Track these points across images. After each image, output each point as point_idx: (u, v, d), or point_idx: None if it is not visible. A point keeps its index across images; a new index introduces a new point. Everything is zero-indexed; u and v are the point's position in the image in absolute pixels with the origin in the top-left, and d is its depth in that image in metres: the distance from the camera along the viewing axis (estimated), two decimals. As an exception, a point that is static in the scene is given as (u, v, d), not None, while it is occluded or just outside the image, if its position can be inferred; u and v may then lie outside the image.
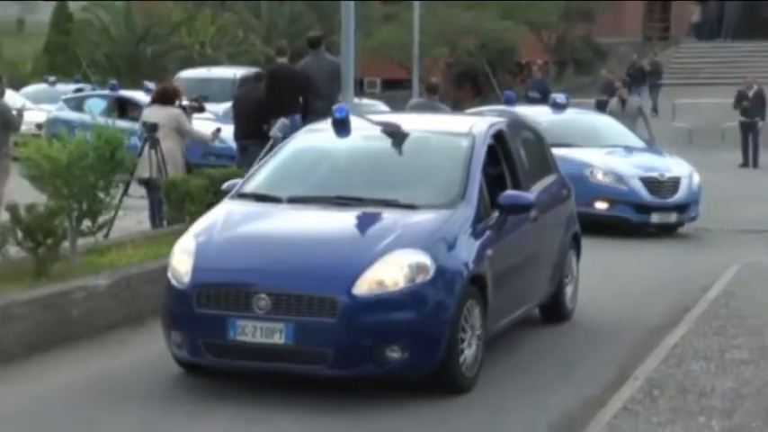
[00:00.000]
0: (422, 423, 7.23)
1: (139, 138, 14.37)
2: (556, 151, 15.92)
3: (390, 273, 7.33)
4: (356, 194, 8.41)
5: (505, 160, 9.36)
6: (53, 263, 10.19)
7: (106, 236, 12.04)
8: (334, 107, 9.42)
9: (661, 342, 9.34)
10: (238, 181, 9.54)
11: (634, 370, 8.40)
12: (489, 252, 8.13)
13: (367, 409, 7.26)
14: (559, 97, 19.62)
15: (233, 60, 36.98)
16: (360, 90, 16.42)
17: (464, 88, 41.70)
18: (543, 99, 20.85)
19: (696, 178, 17.28)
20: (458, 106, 25.70)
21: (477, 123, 9.60)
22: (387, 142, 9.26)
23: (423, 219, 7.99)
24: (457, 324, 7.52)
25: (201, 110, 17.04)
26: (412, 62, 37.41)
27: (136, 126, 17.58)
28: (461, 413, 7.68)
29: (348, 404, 7.37)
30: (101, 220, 11.44)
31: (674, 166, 17.61)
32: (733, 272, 12.67)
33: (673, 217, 16.97)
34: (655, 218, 16.75)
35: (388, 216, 7.99)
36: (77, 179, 10.96)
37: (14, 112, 17.59)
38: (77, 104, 29.57)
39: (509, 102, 19.82)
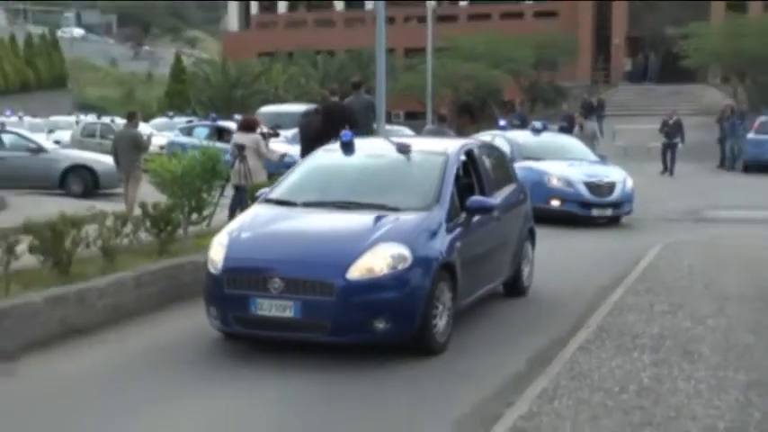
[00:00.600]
0: (406, 372, 7.16)
1: (231, 155, 14.58)
2: (528, 163, 16.79)
3: (377, 262, 7.24)
4: (354, 200, 8.29)
5: (474, 173, 9.23)
6: (171, 244, 10.36)
7: (208, 225, 12.03)
8: (342, 133, 9.39)
9: (606, 300, 9.42)
10: (267, 189, 9.35)
11: (587, 320, 8.53)
12: (458, 244, 8.00)
13: (358, 369, 7.16)
14: (537, 124, 19.72)
15: (298, 99, 37.40)
16: (389, 120, 16.67)
17: (463, 118, 42.18)
18: (523, 126, 21.01)
19: (629, 183, 17.09)
20: (460, 131, 25.92)
21: (452, 145, 9.50)
22: (382, 159, 9.29)
23: (405, 218, 7.81)
24: (431, 301, 7.40)
25: (276, 135, 17.26)
26: (426, 99, 38.25)
27: (228, 146, 18.00)
28: (453, 363, 7.57)
29: (343, 366, 7.23)
30: (204, 213, 11.81)
31: (612, 173, 17.38)
32: (657, 249, 12.75)
33: (609, 211, 16.75)
34: (594, 212, 16.60)
35: (378, 216, 7.82)
36: (188, 184, 11.40)
37: (145, 138, 17.94)
38: (188, 132, 29.92)
39: (502, 128, 20.05)
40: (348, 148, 9.18)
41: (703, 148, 32.85)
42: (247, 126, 16.05)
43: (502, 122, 20.95)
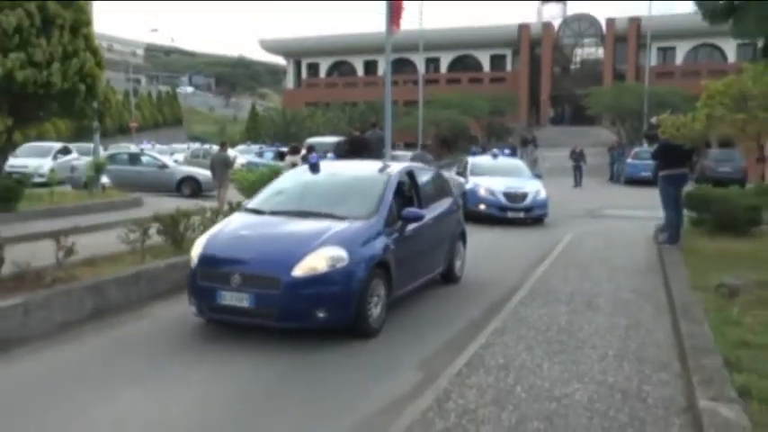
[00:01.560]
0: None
1: (285, 169, 14.71)
2: (475, 178, 16.16)
3: (318, 262, 6.11)
4: (311, 210, 7.11)
5: (414, 189, 8.14)
6: None
7: None
8: (310, 156, 8.37)
9: (535, 271, 9.27)
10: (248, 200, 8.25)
11: (521, 286, 8.30)
12: (392, 246, 6.85)
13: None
14: (495, 151, 19.17)
15: (332, 134, 37.39)
16: (393, 148, 16.71)
17: (443, 147, 42.21)
18: (483, 152, 20.81)
19: (542, 193, 15.67)
20: (440, 155, 25.87)
21: (395, 167, 8.16)
22: (339, 177, 8.16)
23: (347, 226, 6.67)
24: (365, 294, 6.27)
25: (311, 151, 17.39)
26: (418, 134, 38.37)
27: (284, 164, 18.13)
28: (433, 312, 7.37)
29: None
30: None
31: (528, 186, 15.90)
32: (569, 237, 12.61)
33: (521, 214, 15.29)
34: (509, 214, 15.23)
35: (326, 224, 6.69)
36: (259, 188, 11.43)
37: (232, 159, 18.10)
38: (260, 154, 30.06)
39: (473, 153, 19.83)
40: (314, 168, 8.11)
41: (598, 168, 32.89)
42: (294, 150, 16.26)
43: (474, 149, 20.66)
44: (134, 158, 22.87)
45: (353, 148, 16.49)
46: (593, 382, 4.86)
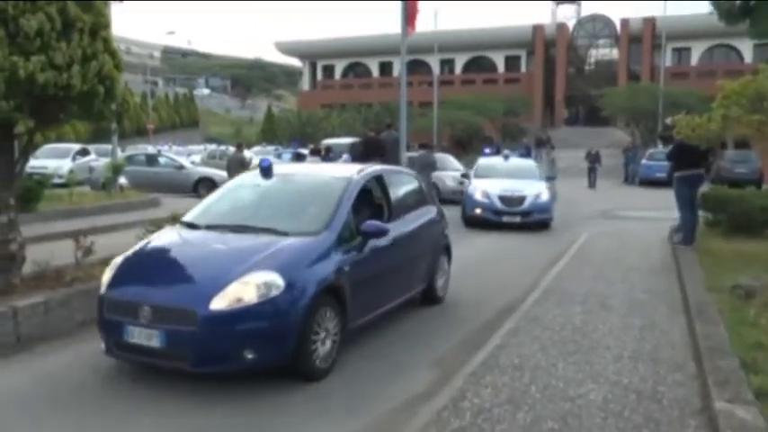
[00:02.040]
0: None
1: None
2: (475, 180, 15.36)
3: (245, 290, 4.77)
4: (250, 224, 5.71)
5: (384, 197, 6.77)
6: None
7: None
8: (261, 159, 6.76)
9: (550, 271, 9.24)
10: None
11: (538, 284, 8.36)
12: (347, 268, 5.46)
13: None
14: (506, 152, 18.40)
15: (348, 135, 37.40)
16: (408, 149, 16.64)
17: (457, 148, 42.03)
18: (497, 153, 20.39)
19: (545, 196, 14.61)
20: (457, 156, 25.61)
21: (359, 170, 6.63)
22: (292, 184, 6.60)
23: (287, 244, 5.29)
24: (308, 327, 4.96)
25: (329, 151, 17.43)
26: (433, 135, 38.33)
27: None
28: (451, 310, 7.71)
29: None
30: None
31: (529, 188, 14.73)
32: (584, 237, 12.58)
33: (517, 219, 14.27)
34: (504, 219, 14.28)
35: (263, 241, 5.34)
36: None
37: (248, 160, 18.05)
38: (277, 155, 30.09)
39: (485, 154, 19.47)
40: (266, 172, 6.53)
41: (613, 169, 32.67)
42: (316, 152, 16.26)
43: (486, 150, 20.24)
44: (151, 159, 23.05)
45: (368, 150, 16.46)
46: (608, 382, 4.83)
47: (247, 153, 22.12)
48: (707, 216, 12.04)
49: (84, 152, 24.89)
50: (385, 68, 65.68)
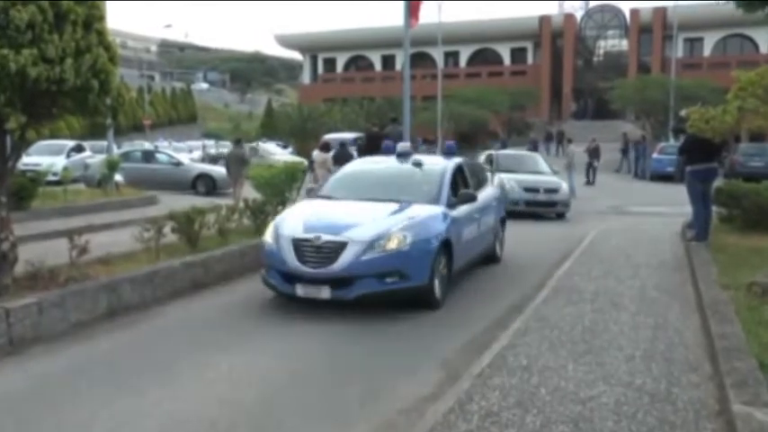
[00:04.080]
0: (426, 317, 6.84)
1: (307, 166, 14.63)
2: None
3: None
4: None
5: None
6: (264, 227, 9.77)
7: None
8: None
9: (560, 268, 9.22)
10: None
11: (546, 282, 8.35)
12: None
13: (379, 319, 6.77)
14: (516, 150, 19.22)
15: (350, 130, 37.29)
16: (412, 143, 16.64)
17: (463, 142, 41.92)
18: (504, 147, 20.33)
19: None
20: (461, 151, 25.56)
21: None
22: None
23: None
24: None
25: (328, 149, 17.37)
26: (437, 130, 38.26)
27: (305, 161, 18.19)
28: (454, 308, 7.58)
29: (363, 316, 6.80)
30: (287, 206, 11.83)
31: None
32: (593, 233, 12.53)
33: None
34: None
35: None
36: (277, 186, 11.40)
37: (247, 156, 18.11)
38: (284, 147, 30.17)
39: (497, 149, 19.59)
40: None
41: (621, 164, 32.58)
42: (324, 147, 16.12)
43: (497, 144, 20.40)
44: (148, 156, 23.05)
45: (371, 144, 16.43)
46: (620, 383, 4.79)
47: (246, 148, 22.00)
48: (721, 211, 11.98)
49: (79, 149, 24.91)
50: (388, 61, 65.60)
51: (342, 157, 15.12)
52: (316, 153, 16.11)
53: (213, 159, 29.67)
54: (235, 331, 6.49)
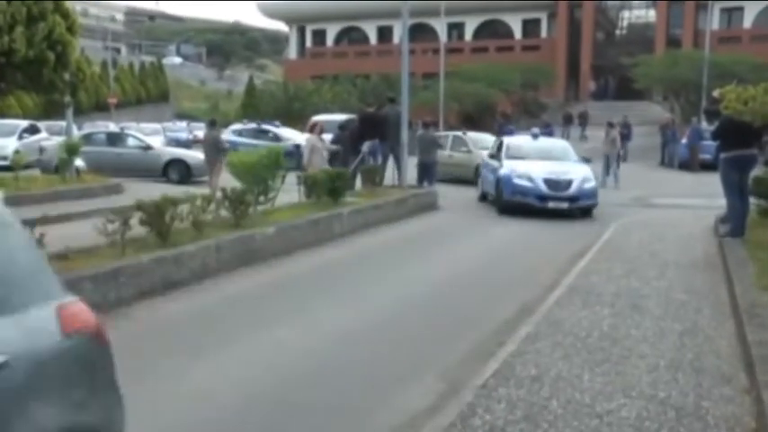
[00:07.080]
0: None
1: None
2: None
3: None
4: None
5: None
6: (243, 219, 10.28)
7: (272, 205, 12.04)
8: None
9: (576, 266, 9.29)
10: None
11: (561, 281, 8.42)
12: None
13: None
14: (535, 130, 18.88)
15: (341, 111, 37.24)
16: (410, 127, 16.51)
17: (466, 125, 41.81)
18: (511, 133, 20.53)
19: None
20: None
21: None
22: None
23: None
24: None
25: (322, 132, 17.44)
26: (438, 111, 38.28)
27: (288, 145, 18.18)
28: None
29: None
30: (269, 195, 11.81)
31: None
32: (613, 227, 12.64)
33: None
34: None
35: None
36: (257, 173, 11.40)
37: (222, 140, 18.03)
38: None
39: (507, 133, 19.59)
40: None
41: (648, 150, 32.56)
42: (312, 129, 16.35)
43: (509, 129, 20.45)
44: (113, 139, 23.00)
45: (366, 128, 16.40)
46: (642, 396, 4.80)
47: (225, 133, 21.99)
48: (760, 203, 11.99)
49: (33, 130, 24.84)
50: (384, 34, 65.43)
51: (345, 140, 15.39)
52: (307, 136, 16.22)
53: (184, 145, 29.51)
54: (210, 337, 6.48)
